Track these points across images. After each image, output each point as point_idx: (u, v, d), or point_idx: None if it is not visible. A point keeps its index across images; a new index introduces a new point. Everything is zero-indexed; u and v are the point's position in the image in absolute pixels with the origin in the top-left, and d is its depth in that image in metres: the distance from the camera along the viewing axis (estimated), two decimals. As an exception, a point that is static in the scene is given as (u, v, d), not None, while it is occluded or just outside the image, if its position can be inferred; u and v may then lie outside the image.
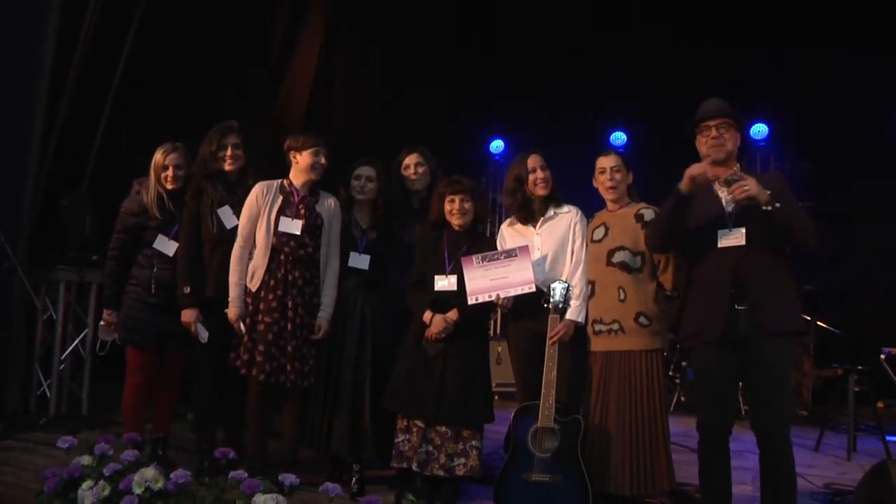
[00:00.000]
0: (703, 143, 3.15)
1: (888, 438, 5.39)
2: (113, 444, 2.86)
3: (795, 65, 7.44)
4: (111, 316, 3.92)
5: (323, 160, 3.69)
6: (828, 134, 7.58)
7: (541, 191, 3.66)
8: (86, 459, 2.73)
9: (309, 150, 3.67)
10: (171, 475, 2.53)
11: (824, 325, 7.01)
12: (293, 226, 3.60)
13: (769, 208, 2.85)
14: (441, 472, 3.48)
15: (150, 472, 2.56)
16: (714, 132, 3.11)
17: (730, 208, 3.03)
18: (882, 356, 6.34)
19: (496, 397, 4.27)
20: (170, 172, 3.84)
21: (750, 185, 2.88)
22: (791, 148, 8.22)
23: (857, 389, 5.43)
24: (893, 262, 7.41)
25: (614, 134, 9.43)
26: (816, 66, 7.37)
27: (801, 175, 7.34)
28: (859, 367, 5.54)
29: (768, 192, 2.86)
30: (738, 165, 3.10)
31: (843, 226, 7.18)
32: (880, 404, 6.43)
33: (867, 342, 7.97)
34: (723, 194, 3.07)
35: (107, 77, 5.69)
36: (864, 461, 5.05)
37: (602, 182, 3.57)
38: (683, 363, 7.29)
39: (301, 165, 3.68)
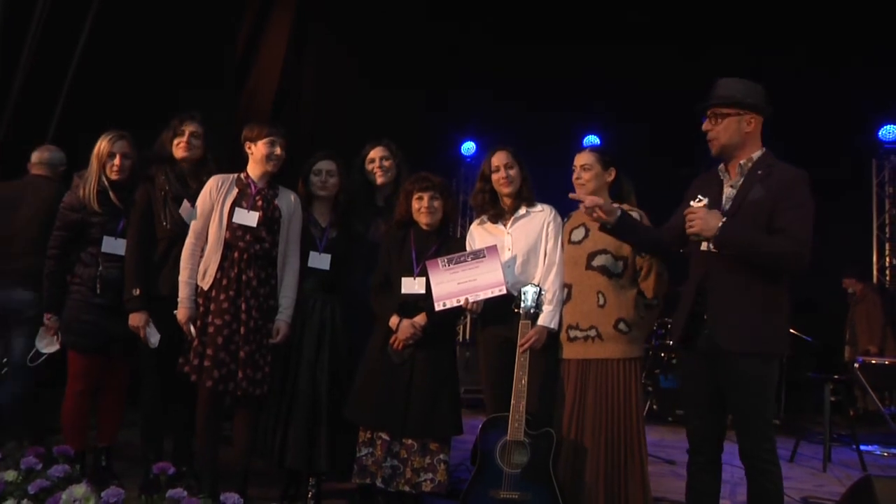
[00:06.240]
0: None
1: (862, 448, 5.32)
2: (45, 457, 2.61)
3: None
4: (52, 321, 3.59)
5: (279, 150, 3.45)
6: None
7: (504, 188, 3.49)
8: (10, 475, 2.48)
9: (264, 140, 3.43)
10: (103, 494, 2.29)
11: (796, 333, 6.91)
12: (249, 217, 3.36)
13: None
14: (407, 488, 3.25)
15: (79, 490, 2.32)
16: (706, 124, 2.80)
17: (727, 206, 2.75)
18: (856, 364, 6.28)
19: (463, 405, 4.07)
20: (117, 161, 3.58)
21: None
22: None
23: (832, 399, 5.33)
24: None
25: (588, 137, 9.38)
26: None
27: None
28: (835, 376, 5.44)
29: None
30: (758, 152, 2.75)
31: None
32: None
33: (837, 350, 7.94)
34: (727, 190, 2.80)
35: (62, 66, 5.42)
36: (840, 472, 4.99)
37: (574, 180, 3.41)
38: (656, 370, 7.17)
39: (256, 156, 3.45)
